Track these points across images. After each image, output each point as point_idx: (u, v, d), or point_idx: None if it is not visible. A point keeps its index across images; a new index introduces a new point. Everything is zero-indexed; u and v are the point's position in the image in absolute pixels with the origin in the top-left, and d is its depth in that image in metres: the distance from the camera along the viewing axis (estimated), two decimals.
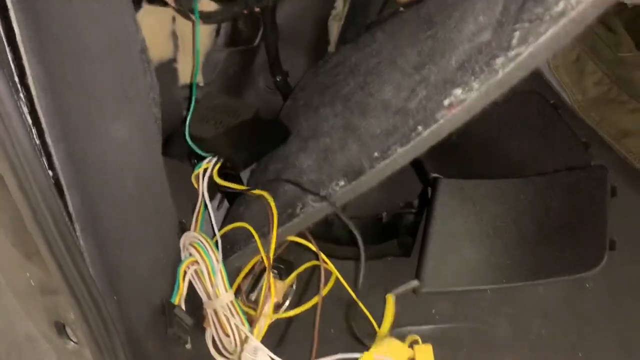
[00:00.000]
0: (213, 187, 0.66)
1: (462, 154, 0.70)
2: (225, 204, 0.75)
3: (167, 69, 0.79)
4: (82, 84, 0.45)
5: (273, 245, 0.56)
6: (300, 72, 0.86)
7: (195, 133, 0.71)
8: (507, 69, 0.39)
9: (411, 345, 0.54)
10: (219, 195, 0.74)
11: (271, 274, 0.57)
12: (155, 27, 0.73)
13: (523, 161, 0.72)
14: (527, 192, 0.68)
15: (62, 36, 0.42)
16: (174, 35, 0.79)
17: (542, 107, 0.74)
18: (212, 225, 0.64)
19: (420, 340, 0.54)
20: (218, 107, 0.77)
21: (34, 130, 0.44)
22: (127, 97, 0.48)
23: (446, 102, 0.44)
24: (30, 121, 0.44)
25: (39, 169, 0.44)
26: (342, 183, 0.51)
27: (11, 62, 0.41)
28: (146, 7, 0.68)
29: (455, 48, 0.45)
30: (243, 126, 0.73)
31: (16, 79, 0.42)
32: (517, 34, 0.41)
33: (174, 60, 0.80)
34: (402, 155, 0.45)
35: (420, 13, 0.61)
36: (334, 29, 0.86)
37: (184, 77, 0.81)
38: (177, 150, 0.67)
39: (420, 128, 0.45)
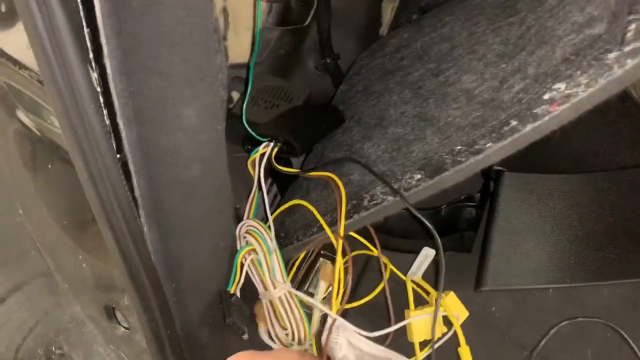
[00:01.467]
0: (264, 173, 0.64)
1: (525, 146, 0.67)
2: (274, 190, 0.73)
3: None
4: (159, 68, 0.42)
5: (342, 232, 0.53)
6: (350, 54, 0.83)
7: (249, 117, 0.69)
8: (627, 66, 0.36)
9: None
10: (268, 182, 0.71)
11: (338, 264, 0.55)
12: None
13: (587, 156, 0.69)
14: (591, 188, 0.65)
15: (142, 17, 0.39)
16: (225, 11, 0.76)
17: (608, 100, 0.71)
18: (265, 212, 0.62)
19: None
20: (269, 90, 0.75)
21: (105, 112, 0.42)
22: (201, 80, 0.46)
23: (546, 96, 0.41)
24: (102, 101, 0.42)
25: (107, 151, 0.42)
26: (417, 176, 0.48)
27: (88, 41, 0.39)
28: None
29: (558, 39, 0.42)
30: (296, 110, 0.71)
31: (91, 56, 0.40)
32: (632, 26, 0.38)
33: (223, 37, 0.77)
34: (496, 151, 0.42)
35: None
36: (388, 11, 0.82)
37: (234, 55, 0.78)
38: (232, 134, 0.65)
39: (514, 122, 0.43)
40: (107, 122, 0.42)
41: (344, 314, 0.63)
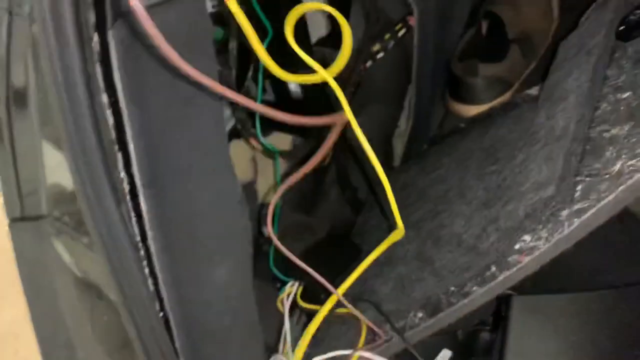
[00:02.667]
0: (294, 305, 0.71)
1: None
2: (303, 320, 0.79)
3: (247, 189, 0.87)
4: (193, 239, 0.52)
5: None
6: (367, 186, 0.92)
7: (276, 254, 0.77)
8: (573, 226, 0.43)
9: None
10: (296, 313, 0.78)
11: None
12: (237, 154, 0.82)
13: (597, 273, 0.73)
14: (600, 306, 0.69)
15: (179, 206, 0.49)
16: (254, 160, 0.87)
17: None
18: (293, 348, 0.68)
19: None
20: (294, 226, 0.84)
21: (150, 280, 0.51)
22: (230, 244, 0.55)
23: (517, 246, 0.48)
24: (147, 271, 0.51)
25: (153, 312, 0.51)
26: (420, 315, 0.55)
27: (136, 228, 0.49)
28: (234, 141, 0.77)
29: (522, 196, 0.49)
30: (319, 245, 0.79)
31: (138, 239, 0.50)
32: (579, 187, 0.45)
33: (254, 182, 0.88)
34: (481, 295, 0.49)
35: (483, 143, 0.66)
36: (399, 145, 0.92)
37: (263, 196, 0.89)
38: (263, 271, 0.73)
39: (494, 268, 0.49)
40: (152, 288, 0.52)
41: None
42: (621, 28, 0.53)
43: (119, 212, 0.48)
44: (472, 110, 0.88)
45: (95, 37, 0.42)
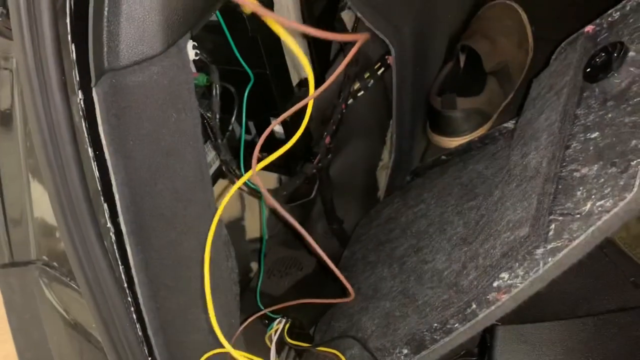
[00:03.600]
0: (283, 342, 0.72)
1: None
2: (292, 355, 0.80)
3: (236, 225, 0.88)
4: (179, 284, 0.53)
5: None
6: (354, 217, 0.93)
7: (264, 289, 0.78)
8: (547, 265, 0.44)
9: None
10: (285, 350, 0.79)
11: None
12: (224, 193, 0.83)
13: (580, 301, 0.74)
14: (582, 334, 0.70)
15: (164, 253, 0.50)
16: (241, 197, 0.88)
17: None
18: None
19: None
20: (282, 261, 0.85)
21: (137, 325, 0.52)
22: (215, 288, 0.56)
23: (495, 284, 0.49)
24: (135, 317, 0.52)
25: (141, 355, 0.52)
26: (405, 351, 0.56)
27: (123, 274, 0.50)
28: (220, 181, 0.78)
29: (498, 235, 0.51)
30: (307, 279, 0.80)
31: (126, 285, 0.51)
32: (552, 226, 0.47)
33: (241, 218, 0.89)
34: (463, 332, 0.50)
35: (462, 178, 0.68)
36: (382, 177, 0.94)
37: (251, 232, 0.90)
38: (250, 309, 0.74)
39: (474, 305, 0.50)
40: (140, 333, 0.52)
41: None
42: (588, 70, 0.55)
43: (106, 260, 0.49)
44: (452, 142, 0.90)
45: (80, 94, 0.44)
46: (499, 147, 0.68)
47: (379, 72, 0.80)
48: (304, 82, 0.78)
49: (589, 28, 0.62)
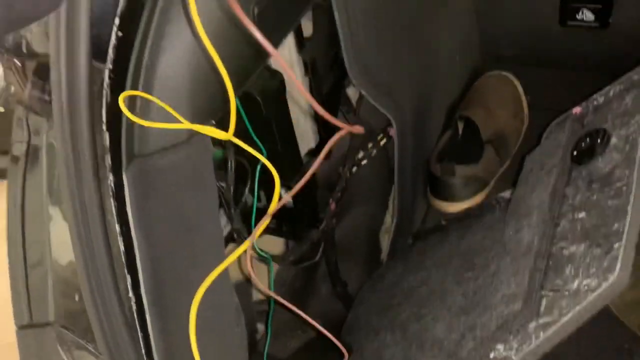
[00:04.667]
0: None
1: None
2: None
3: (242, 289, 0.91)
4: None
5: None
6: (357, 280, 0.96)
7: (271, 352, 0.81)
8: (539, 339, 0.48)
9: None
10: None
11: None
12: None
13: None
14: None
15: (181, 319, 0.54)
16: (249, 260, 0.92)
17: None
18: None
19: None
20: (286, 323, 0.87)
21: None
22: (226, 353, 0.59)
23: (492, 355, 0.52)
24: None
25: None
26: None
27: (141, 339, 0.53)
28: (230, 244, 0.82)
29: (494, 308, 0.54)
30: (311, 343, 0.83)
31: (143, 350, 0.54)
32: (544, 301, 0.50)
33: (249, 280, 0.92)
34: None
35: (461, 247, 0.72)
36: (385, 240, 0.97)
37: (257, 294, 0.93)
38: None
39: None
40: None
41: None
42: (575, 153, 0.60)
43: (127, 329, 0.52)
44: (451, 207, 0.95)
45: (111, 177, 0.48)
46: (495, 218, 0.72)
47: (382, 143, 0.85)
48: (311, 151, 0.83)
49: (576, 110, 0.68)
